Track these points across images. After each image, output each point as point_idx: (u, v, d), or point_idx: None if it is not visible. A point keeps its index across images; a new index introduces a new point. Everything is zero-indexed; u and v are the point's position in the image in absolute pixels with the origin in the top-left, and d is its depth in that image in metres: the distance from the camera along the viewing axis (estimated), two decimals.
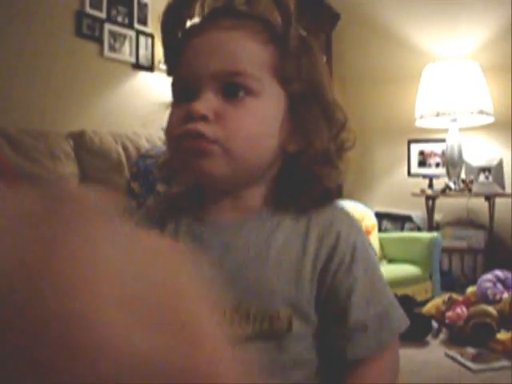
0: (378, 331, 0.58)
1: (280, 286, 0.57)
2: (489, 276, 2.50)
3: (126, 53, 2.96)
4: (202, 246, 0.60)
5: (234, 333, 0.54)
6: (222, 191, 0.63)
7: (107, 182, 2.55)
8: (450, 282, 3.16)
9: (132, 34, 2.99)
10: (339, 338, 0.59)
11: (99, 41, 2.82)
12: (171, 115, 0.61)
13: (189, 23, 0.64)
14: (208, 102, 0.57)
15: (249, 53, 0.59)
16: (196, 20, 0.64)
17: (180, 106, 0.60)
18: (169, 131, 0.61)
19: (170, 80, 0.64)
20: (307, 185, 0.61)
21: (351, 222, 0.63)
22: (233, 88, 0.58)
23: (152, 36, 3.04)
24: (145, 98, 2.90)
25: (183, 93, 0.61)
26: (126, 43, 2.96)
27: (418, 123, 3.42)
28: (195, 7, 0.63)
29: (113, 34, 2.89)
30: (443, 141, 3.37)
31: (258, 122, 0.59)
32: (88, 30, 2.76)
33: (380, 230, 3.31)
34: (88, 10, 2.75)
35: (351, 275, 0.58)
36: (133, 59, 2.97)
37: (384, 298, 0.61)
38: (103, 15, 2.84)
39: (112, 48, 2.88)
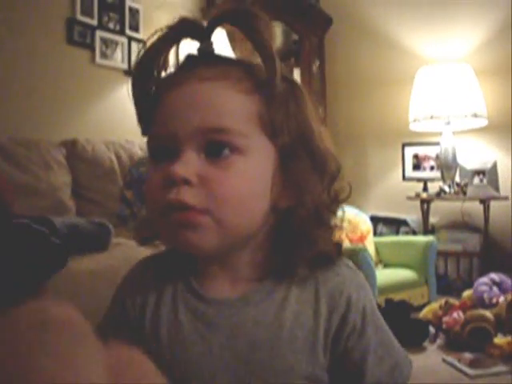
0: (391, 382, 0.58)
1: (296, 363, 0.55)
2: (485, 279, 2.49)
3: (118, 59, 2.95)
4: (207, 328, 0.57)
5: None
6: (212, 258, 0.59)
7: (100, 191, 2.54)
8: (446, 286, 3.15)
9: (124, 40, 2.98)
10: None
11: (91, 48, 2.81)
12: (150, 178, 0.55)
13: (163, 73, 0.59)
14: (190, 164, 0.51)
15: (233, 106, 0.53)
16: (170, 69, 0.59)
17: (159, 168, 0.54)
18: (149, 197, 0.55)
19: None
20: (301, 248, 0.56)
21: (358, 281, 0.60)
22: (217, 146, 0.52)
23: (144, 42, 3.02)
24: None
25: (162, 151, 0.55)
26: (118, 50, 2.95)
27: (412, 126, 3.41)
28: (168, 55, 0.58)
29: (104, 41, 2.88)
30: (437, 144, 3.36)
31: (248, 184, 0.53)
32: (79, 37, 2.75)
33: (375, 234, 3.30)
34: (79, 17, 2.74)
35: (364, 339, 0.57)
36: (125, 66, 2.96)
37: (393, 349, 0.60)
38: (94, 22, 2.82)
39: (104, 55, 2.87)
